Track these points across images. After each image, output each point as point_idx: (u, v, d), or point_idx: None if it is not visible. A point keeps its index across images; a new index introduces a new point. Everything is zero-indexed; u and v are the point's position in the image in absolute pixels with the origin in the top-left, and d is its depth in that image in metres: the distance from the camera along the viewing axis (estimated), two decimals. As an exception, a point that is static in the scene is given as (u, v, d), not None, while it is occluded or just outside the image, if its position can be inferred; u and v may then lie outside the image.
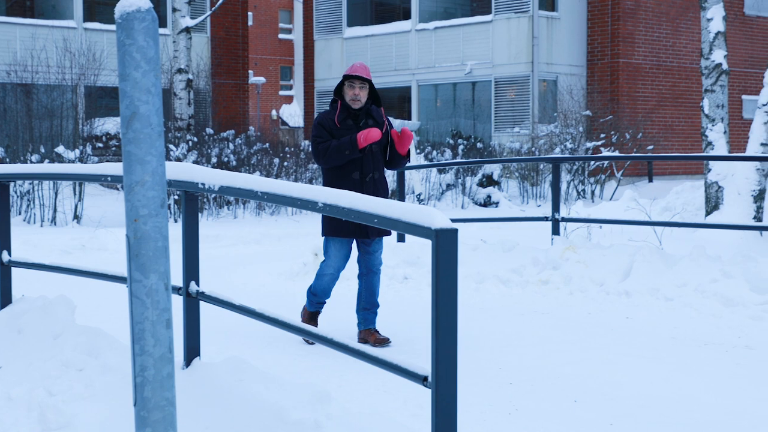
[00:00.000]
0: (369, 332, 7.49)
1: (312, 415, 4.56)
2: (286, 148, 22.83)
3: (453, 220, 13.26)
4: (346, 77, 7.37)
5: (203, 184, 4.97)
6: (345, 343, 4.26)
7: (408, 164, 9.66)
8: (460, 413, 5.49)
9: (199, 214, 18.41)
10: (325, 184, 7.40)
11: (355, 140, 7.22)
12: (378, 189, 7.42)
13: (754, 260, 8.80)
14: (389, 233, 7.66)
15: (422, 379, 3.87)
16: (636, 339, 7.58)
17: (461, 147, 23.60)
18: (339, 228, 7.26)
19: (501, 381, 6.38)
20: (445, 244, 3.69)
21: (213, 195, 18.45)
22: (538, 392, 6.12)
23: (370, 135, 7.21)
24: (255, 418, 4.56)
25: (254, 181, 4.69)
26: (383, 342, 7.35)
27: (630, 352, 7.18)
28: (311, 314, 7.75)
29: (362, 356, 4.15)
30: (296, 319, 5.34)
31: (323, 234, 7.42)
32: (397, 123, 26.15)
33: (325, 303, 7.79)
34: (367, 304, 7.55)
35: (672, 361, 6.87)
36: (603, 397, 6.00)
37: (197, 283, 5.44)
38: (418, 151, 23.02)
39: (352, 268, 8.78)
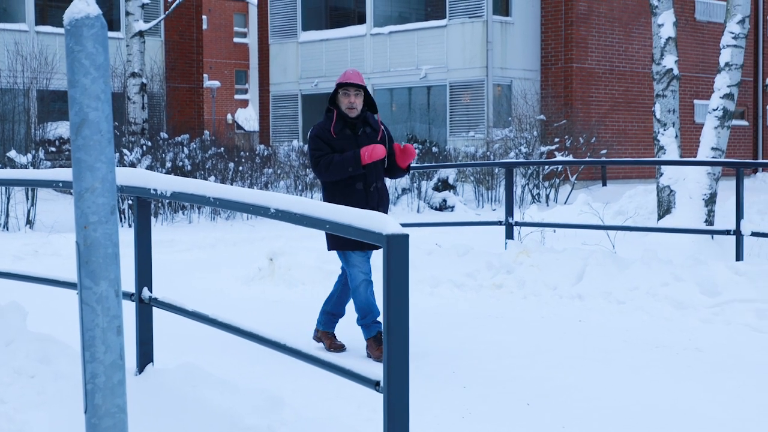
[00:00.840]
0: (326, 334, 7.46)
1: (265, 420, 4.57)
2: (242, 153, 22.76)
3: (407, 225, 13.33)
4: (340, 85, 7.17)
5: (155, 189, 4.96)
6: (298, 349, 4.27)
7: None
8: (414, 417, 5.50)
9: (154, 219, 18.32)
10: (326, 195, 7.24)
11: (358, 156, 7.01)
12: (382, 198, 7.28)
13: (705, 264, 8.91)
14: None
15: (374, 384, 3.89)
16: (588, 342, 7.65)
17: (417, 151, 23.63)
18: (346, 240, 6.79)
19: (455, 385, 6.41)
20: (396, 250, 3.72)
21: (167, 200, 18.37)
22: (492, 396, 6.15)
23: (374, 153, 7.01)
24: (208, 424, 4.55)
25: (207, 187, 4.69)
26: (339, 348, 7.34)
27: (582, 355, 7.24)
28: (374, 340, 7.17)
29: (315, 361, 4.16)
30: (248, 324, 5.33)
31: (334, 248, 7.11)
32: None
33: (379, 321, 7.10)
34: (335, 310, 7.46)
35: (624, 364, 6.94)
36: (556, 400, 6.05)
37: (150, 289, 5.42)
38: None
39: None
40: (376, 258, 7.72)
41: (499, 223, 11.56)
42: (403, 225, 13.39)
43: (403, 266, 3.73)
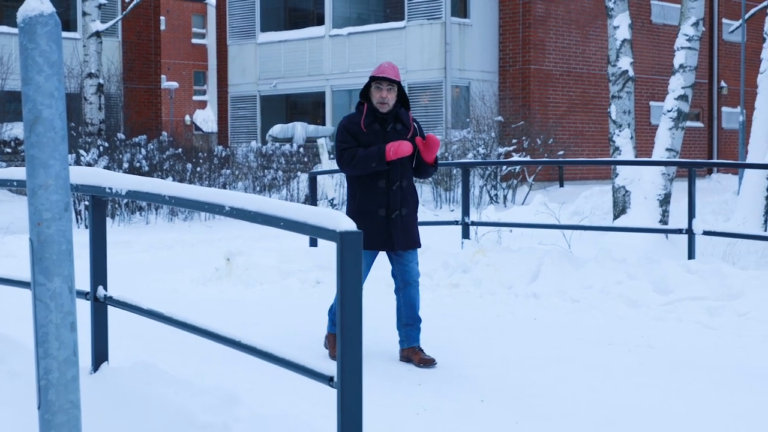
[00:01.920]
0: (413, 350, 6.97)
1: (220, 417, 4.60)
2: (200, 154, 22.71)
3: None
4: (373, 78, 6.82)
5: (111, 188, 4.97)
6: (251, 345, 4.30)
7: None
8: (369, 414, 5.55)
9: (111, 220, 18.24)
10: (350, 190, 6.99)
11: (383, 153, 6.72)
12: (406, 197, 6.94)
13: (658, 263, 9.03)
14: (419, 245, 7.08)
15: (328, 380, 3.93)
16: (543, 340, 7.73)
17: (375, 152, 23.67)
18: (365, 240, 6.57)
19: (410, 382, 6.46)
20: (349, 247, 3.76)
21: (124, 201, 18.29)
22: (446, 392, 6.21)
23: (400, 149, 6.72)
24: (163, 422, 4.57)
25: (162, 186, 4.70)
26: (428, 363, 6.84)
27: (537, 353, 7.32)
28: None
29: (269, 357, 4.20)
30: (205, 323, 5.36)
31: None
32: (311, 129, 26.20)
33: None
34: (409, 320, 7.02)
35: (578, 361, 7.03)
36: (509, 397, 6.12)
37: (105, 288, 5.43)
38: (331, 156, 23.06)
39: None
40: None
41: (456, 222, 11.64)
42: (361, 225, 13.45)
43: (356, 263, 3.78)
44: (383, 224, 6.82)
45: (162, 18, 50.25)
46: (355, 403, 3.84)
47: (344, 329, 3.78)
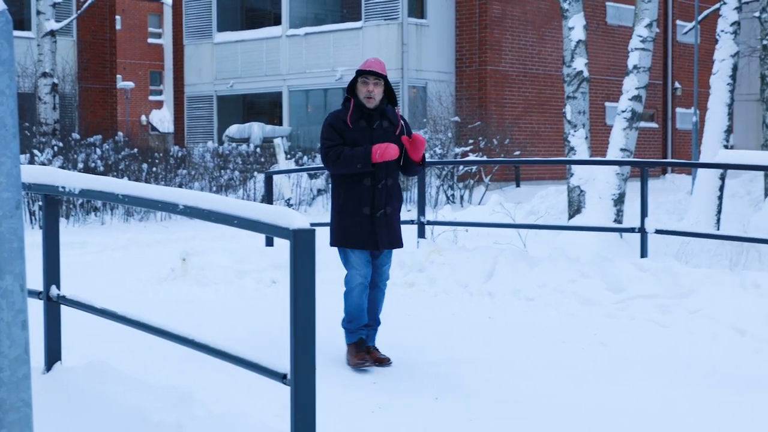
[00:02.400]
0: (368, 350, 6.92)
1: (174, 416, 4.60)
2: (156, 154, 22.61)
3: (320, 224, 13.33)
4: (360, 73, 6.74)
5: (63, 187, 4.95)
6: (204, 343, 4.31)
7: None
8: (324, 413, 5.58)
9: (66, 221, 18.11)
10: (334, 187, 6.87)
11: (369, 155, 6.60)
12: (391, 196, 6.84)
13: (610, 261, 9.13)
14: (401, 245, 7.00)
15: (281, 377, 3.95)
16: (497, 338, 7.79)
17: (332, 152, 23.69)
18: (348, 237, 6.72)
19: (365, 381, 6.49)
20: (302, 244, 3.79)
21: (79, 200, 18.17)
22: (401, 391, 6.25)
23: (386, 152, 6.60)
24: (116, 421, 4.57)
25: (115, 184, 4.70)
26: (383, 362, 6.81)
27: (491, 351, 7.37)
28: (355, 346, 6.83)
29: (222, 355, 4.21)
30: (160, 322, 5.34)
31: (333, 245, 6.84)
32: (268, 129, 26.16)
33: (365, 327, 6.91)
34: (371, 321, 6.97)
35: (531, 359, 7.09)
36: (464, 394, 6.17)
37: (58, 287, 5.41)
38: (288, 156, 23.05)
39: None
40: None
41: (411, 222, 11.67)
42: (316, 224, 13.46)
43: (309, 261, 3.80)
44: (368, 223, 6.73)
45: (118, 17, 49.91)
46: (309, 400, 3.86)
47: (297, 327, 3.80)
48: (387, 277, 7.03)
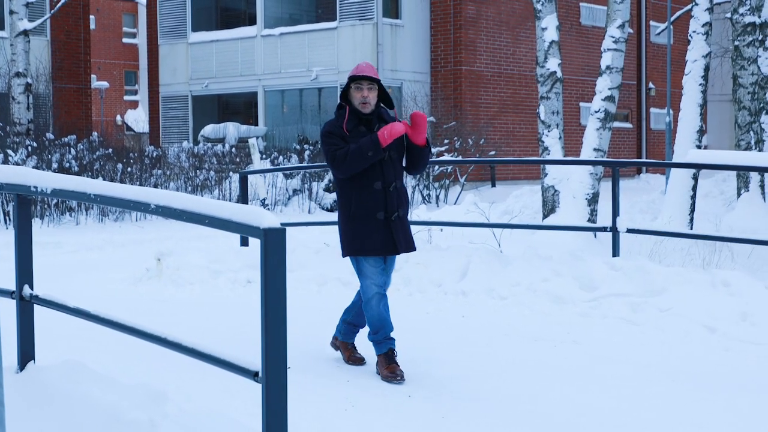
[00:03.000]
0: (346, 345, 6.98)
1: (147, 414, 4.62)
2: (131, 154, 22.54)
3: (295, 224, 13.35)
4: (352, 79, 6.55)
5: (36, 187, 4.96)
6: (176, 341, 4.33)
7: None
8: (297, 411, 5.61)
9: (40, 221, 18.05)
10: (343, 198, 6.62)
11: (376, 138, 6.41)
12: (401, 198, 6.66)
13: (583, 260, 9.20)
14: (415, 248, 6.85)
15: (253, 375, 3.98)
16: (471, 336, 7.84)
17: (307, 152, 23.73)
18: (364, 245, 6.53)
19: (339, 379, 6.52)
20: (273, 243, 3.81)
21: (54, 201, 18.11)
22: (375, 389, 6.29)
23: (394, 129, 6.41)
24: (90, 420, 4.58)
25: (87, 184, 4.71)
26: (358, 361, 6.83)
27: (465, 349, 7.42)
28: (385, 357, 6.61)
29: (194, 353, 4.23)
30: (134, 321, 5.34)
31: (347, 255, 6.65)
32: (243, 129, 26.14)
33: (393, 338, 6.68)
34: (357, 320, 6.94)
35: (504, 357, 7.14)
36: (436, 392, 6.21)
37: (31, 287, 5.41)
38: (264, 156, 23.05)
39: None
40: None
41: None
42: (291, 224, 13.48)
43: (280, 259, 3.83)
44: (383, 227, 6.56)
45: (92, 17, 49.70)
46: (280, 397, 3.89)
47: (268, 324, 3.83)
48: (388, 285, 6.82)
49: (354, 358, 6.93)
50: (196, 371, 6.24)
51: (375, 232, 6.53)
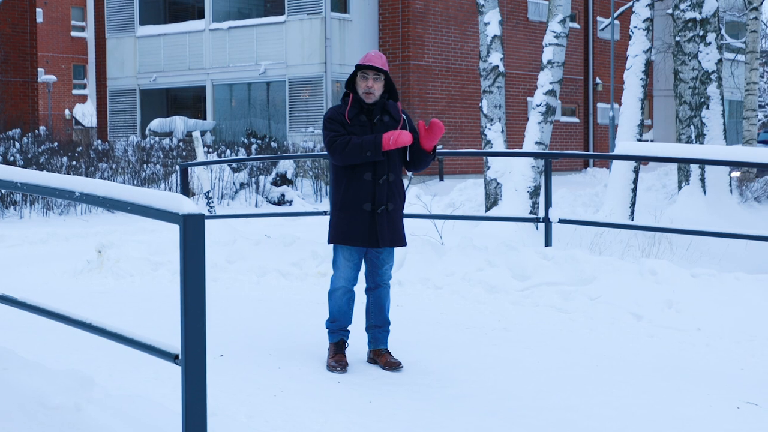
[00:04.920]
0: (379, 353, 6.77)
1: (73, 399, 4.70)
2: (78, 148, 22.46)
3: (238, 216, 13.39)
4: (359, 67, 6.47)
5: (-39, 176, 5.01)
6: (99, 326, 4.41)
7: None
8: (226, 397, 5.72)
9: (-17, 215, 17.95)
10: (335, 184, 6.64)
11: (379, 142, 6.36)
12: (393, 192, 6.57)
13: (516, 250, 9.36)
14: (404, 243, 6.78)
15: (173, 358, 4.08)
16: (404, 325, 7.95)
17: (255, 146, 23.77)
18: (346, 234, 6.52)
19: (270, 366, 6.62)
20: (192, 229, 3.92)
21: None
22: (305, 375, 6.40)
23: (400, 139, 6.36)
24: (15, 405, 4.65)
25: (13, 173, 4.78)
26: (394, 366, 6.61)
27: (397, 337, 7.51)
28: (335, 346, 6.70)
29: (117, 338, 4.32)
30: (66, 309, 5.39)
31: (329, 241, 6.66)
32: (191, 123, 26.11)
33: (347, 330, 6.77)
34: (378, 321, 6.82)
35: (433, 344, 7.29)
36: (366, 377, 6.35)
37: (-39, 276, 5.47)
38: (210, 150, 23.05)
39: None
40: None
41: (325, 213, 11.82)
42: (235, 215, 13.54)
43: (199, 245, 3.93)
44: (368, 219, 6.51)
45: (39, 10, 49.30)
46: (200, 379, 3.99)
47: (187, 308, 3.93)
48: (389, 277, 6.82)
49: (390, 363, 6.66)
50: (129, 360, 6.32)
51: (359, 224, 6.51)
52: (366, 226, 6.52)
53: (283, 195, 21.99)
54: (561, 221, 10.14)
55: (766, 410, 5.81)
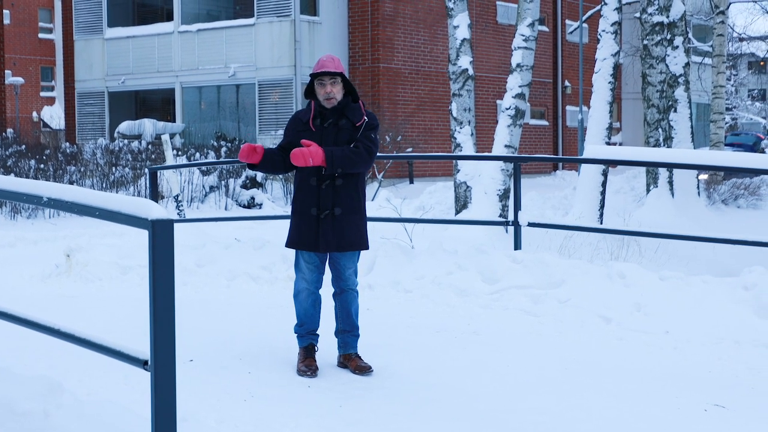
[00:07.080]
0: (349, 357, 6.74)
1: (42, 405, 4.67)
2: (46, 151, 22.33)
3: (207, 219, 13.34)
4: (314, 76, 6.42)
5: (-71, 180, 4.97)
6: (68, 332, 4.39)
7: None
8: (195, 402, 5.70)
9: (-50, 218, 17.81)
10: (294, 189, 6.67)
11: (287, 156, 6.44)
12: (340, 196, 6.47)
13: (486, 253, 9.40)
14: (352, 248, 6.64)
15: (142, 363, 4.07)
16: (374, 329, 7.94)
17: (224, 149, 23.71)
18: (296, 238, 6.55)
19: (240, 371, 6.61)
20: (161, 235, 3.91)
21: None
22: (275, 380, 6.39)
23: (305, 157, 6.24)
24: (-18, 411, 4.62)
25: (-20, 177, 4.75)
26: (364, 370, 6.58)
27: (367, 340, 7.51)
28: (304, 350, 6.70)
29: (85, 343, 4.31)
30: (35, 315, 5.35)
31: (286, 245, 6.69)
32: (160, 125, 26.02)
33: (316, 334, 6.78)
34: (346, 326, 6.79)
35: (402, 348, 7.29)
36: (336, 382, 6.35)
37: (-73, 281, 5.42)
38: (179, 153, 22.97)
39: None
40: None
41: (295, 217, 11.81)
42: (204, 219, 13.51)
43: (168, 251, 3.93)
44: (314, 224, 6.48)
45: (6, 11, 48.96)
46: (169, 385, 3.99)
47: (156, 314, 3.93)
48: (354, 282, 6.78)
49: (360, 367, 6.64)
50: (99, 365, 6.29)
51: (307, 228, 6.51)
52: (313, 231, 6.50)
53: (253, 198, 21.96)
54: (530, 224, 10.19)
55: (733, 412, 5.86)
